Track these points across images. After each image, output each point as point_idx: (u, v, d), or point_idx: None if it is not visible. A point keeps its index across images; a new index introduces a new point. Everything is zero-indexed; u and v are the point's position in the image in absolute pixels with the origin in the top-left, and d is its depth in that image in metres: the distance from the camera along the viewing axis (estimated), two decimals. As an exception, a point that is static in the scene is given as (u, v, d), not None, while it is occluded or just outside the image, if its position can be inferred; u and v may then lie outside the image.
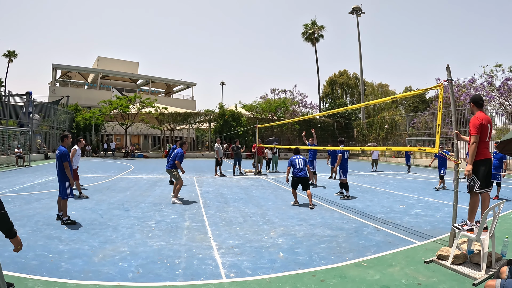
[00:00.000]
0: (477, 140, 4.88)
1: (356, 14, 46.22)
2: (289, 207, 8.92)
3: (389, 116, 38.97)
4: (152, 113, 35.27)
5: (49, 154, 28.19)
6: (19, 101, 27.71)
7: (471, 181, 4.97)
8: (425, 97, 54.76)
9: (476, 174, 4.92)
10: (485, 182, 4.88)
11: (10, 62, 61.47)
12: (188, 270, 4.40)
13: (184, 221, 7.13)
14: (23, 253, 4.85)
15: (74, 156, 10.14)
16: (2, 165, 19.81)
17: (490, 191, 5.06)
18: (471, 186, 4.96)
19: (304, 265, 4.63)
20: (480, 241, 4.37)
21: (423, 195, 11.07)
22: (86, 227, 6.47)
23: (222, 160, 17.52)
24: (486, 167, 4.90)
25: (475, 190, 4.92)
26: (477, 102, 5.14)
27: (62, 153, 6.83)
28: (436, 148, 5.84)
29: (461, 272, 4.39)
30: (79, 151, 10.50)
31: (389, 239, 6.00)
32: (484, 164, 4.91)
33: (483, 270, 4.29)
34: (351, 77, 70.16)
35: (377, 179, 16.30)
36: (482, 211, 4.91)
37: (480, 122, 4.86)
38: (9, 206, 8.28)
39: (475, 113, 5.09)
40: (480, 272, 4.31)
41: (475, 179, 4.91)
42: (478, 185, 4.88)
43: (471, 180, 4.96)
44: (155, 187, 12.15)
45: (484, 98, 26.78)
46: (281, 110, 42.30)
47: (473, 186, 4.93)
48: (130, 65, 61.79)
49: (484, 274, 4.23)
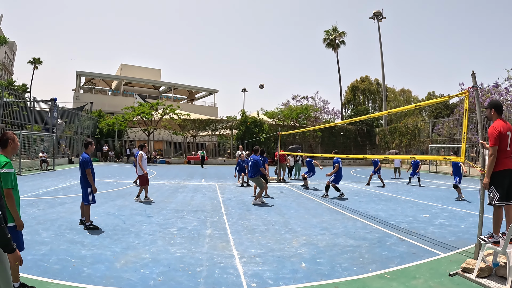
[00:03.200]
0: (495, 152, 4.71)
1: (377, 19, 45.78)
2: (312, 215, 8.84)
3: (412, 122, 38.37)
4: (174, 119, 35.65)
5: (73, 159, 28.83)
6: (44, 107, 28.50)
7: (490, 193, 4.81)
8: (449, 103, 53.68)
9: (495, 186, 4.75)
10: (506, 194, 4.70)
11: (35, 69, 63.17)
12: (210, 278, 4.40)
13: (206, 229, 7.14)
14: (46, 257, 4.97)
15: (141, 160, 10.58)
16: (27, 169, 20.31)
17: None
18: (491, 198, 4.80)
19: (326, 276, 4.57)
20: (506, 254, 4.23)
21: (448, 204, 10.80)
22: (109, 233, 6.56)
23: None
24: (507, 178, 4.71)
25: (494, 203, 4.76)
26: (499, 108, 4.97)
27: (84, 160, 6.96)
28: (462, 156, 5.69)
29: (486, 286, 4.25)
30: (145, 156, 10.84)
31: (413, 250, 5.86)
32: (504, 175, 4.72)
33: (508, 284, 4.14)
34: (372, 83, 69.52)
35: (400, 187, 16.01)
36: (507, 223, 4.73)
37: (498, 132, 4.70)
38: (33, 210, 8.50)
39: (493, 120, 4.91)
40: (505, 285, 4.16)
41: (494, 192, 4.75)
42: (497, 197, 4.71)
43: (491, 192, 4.80)
44: (177, 194, 12.24)
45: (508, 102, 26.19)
46: (303, 117, 42.18)
47: (493, 199, 4.77)
48: (152, 72, 62.80)
49: (510, 287, 4.10)
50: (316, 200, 11.43)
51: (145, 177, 10.46)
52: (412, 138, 35.81)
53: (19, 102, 26.74)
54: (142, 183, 10.47)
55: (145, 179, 10.45)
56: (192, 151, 39.60)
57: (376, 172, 16.49)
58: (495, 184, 4.77)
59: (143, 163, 10.62)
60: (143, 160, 10.66)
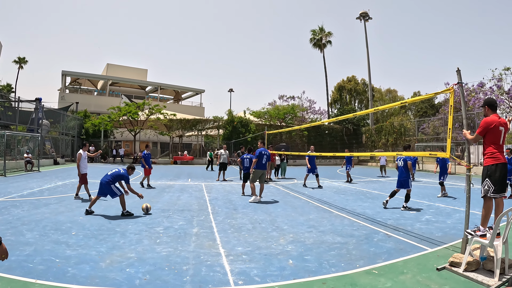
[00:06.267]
0: (477, 139, 5.05)
1: (363, 20, 46.20)
2: (299, 213, 8.82)
3: (398, 121, 38.75)
4: (160, 119, 35.42)
5: (58, 160, 28.38)
6: (29, 107, 28.07)
7: (485, 186, 4.88)
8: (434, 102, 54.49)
9: (490, 179, 4.83)
10: (500, 187, 4.78)
11: (20, 69, 62.28)
12: (196, 277, 4.34)
13: (193, 228, 7.08)
14: (30, 258, 4.86)
15: (80, 160, 10.44)
16: (11, 170, 19.97)
17: (505, 196, 4.95)
18: (486, 190, 4.87)
19: (314, 273, 4.55)
20: (493, 247, 4.28)
21: (434, 201, 10.91)
22: (94, 233, 6.44)
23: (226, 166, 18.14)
24: (501, 172, 4.80)
25: (489, 195, 4.83)
26: (492, 104, 5.08)
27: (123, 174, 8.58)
28: (447, 153, 5.73)
29: (474, 279, 4.29)
30: (84, 155, 10.61)
31: (400, 246, 5.89)
32: (498, 168, 4.81)
33: (496, 277, 4.18)
34: (359, 83, 70.09)
35: (387, 185, 16.13)
36: (496, 216, 4.80)
37: (487, 124, 4.88)
38: (17, 211, 8.34)
39: (488, 116, 5.01)
40: (493, 279, 4.21)
41: (489, 184, 4.82)
42: (492, 189, 4.79)
43: (485, 185, 4.87)
44: (164, 193, 12.12)
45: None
46: (289, 116, 42.32)
47: (488, 191, 4.83)
48: (139, 72, 62.39)
49: (497, 280, 4.14)
50: (303, 199, 11.43)
51: (84, 176, 10.66)
52: (398, 137, 36.21)
53: (3, 102, 26.31)
54: (81, 182, 10.65)
55: (83, 178, 10.66)
56: (179, 151, 39.35)
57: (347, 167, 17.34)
58: (489, 176, 4.85)
59: (83, 163, 10.66)
60: (82, 160, 10.67)
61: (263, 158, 11.16)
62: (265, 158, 11.21)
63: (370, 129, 41.59)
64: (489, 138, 4.93)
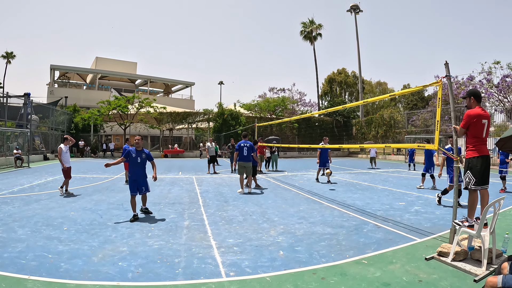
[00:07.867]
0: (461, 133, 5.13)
1: (354, 12, 46.13)
2: (289, 205, 8.89)
3: (388, 114, 38.99)
4: (150, 113, 35.13)
5: (48, 155, 28.12)
6: (18, 103, 27.64)
7: (466, 178, 4.97)
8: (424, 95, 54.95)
9: (471, 171, 4.91)
10: (481, 179, 4.87)
11: (8, 64, 61.40)
12: (188, 269, 4.39)
13: (184, 221, 7.11)
14: (23, 254, 4.85)
15: (61, 154, 10.36)
16: (1, 167, 19.78)
17: (488, 187, 5.02)
18: (467, 182, 4.97)
19: (304, 263, 4.62)
20: (481, 237, 4.37)
21: (423, 192, 11.05)
22: (86, 227, 6.45)
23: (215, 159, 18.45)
24: (482, 164, 4.88)
25: (470, 187, 4.92)
26: (478, 96, 5.11)
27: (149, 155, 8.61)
28: (436, 144, 5.81)
29: (462, 269, 4.38)
30: (65, 149, 10.53)
31: (390, 236, 5.98)
32: (479, 160, 4.90)
33: (484, 267, 4.28)
34: (349, 75, 70.17)
35: (377, 177, 16.28)
36: (482, 208, 4.90)
37: (470, 117, 4.94)
38: (8, 207, 8.27)
39: (473, 107, 5.06)
40: (481, 268, 4.30)
41: (470, 176, 4.91)
42: (473, 181, 4.88)
43: (467, 177, 4.96)
44: (155, 187, 12.09)
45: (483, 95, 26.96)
46: (280, 109, 42.34)
47: (469, 183, 4.93)
48: (128, 65, 61.75)
49: (485, 270, 4.23)
50: (294, 191, 11.50)
51: (67, 171, 10.53)
52: (388, 129, 36.45)
53: (-9, 98, 25.90)
54: (65, 176, 10.51)
55: (67, 173, 10.53)
56: (169, 145, 39.17)
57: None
58: (471, 169, 4.92)
59: (64, 157, 10.49)
60: (63, 154, 10.50)
61: (243, 151, 11.34)
62: (246, 150, 11.35)
63: (360, 121, 41.76)
64: (472, 131, 4.99)
